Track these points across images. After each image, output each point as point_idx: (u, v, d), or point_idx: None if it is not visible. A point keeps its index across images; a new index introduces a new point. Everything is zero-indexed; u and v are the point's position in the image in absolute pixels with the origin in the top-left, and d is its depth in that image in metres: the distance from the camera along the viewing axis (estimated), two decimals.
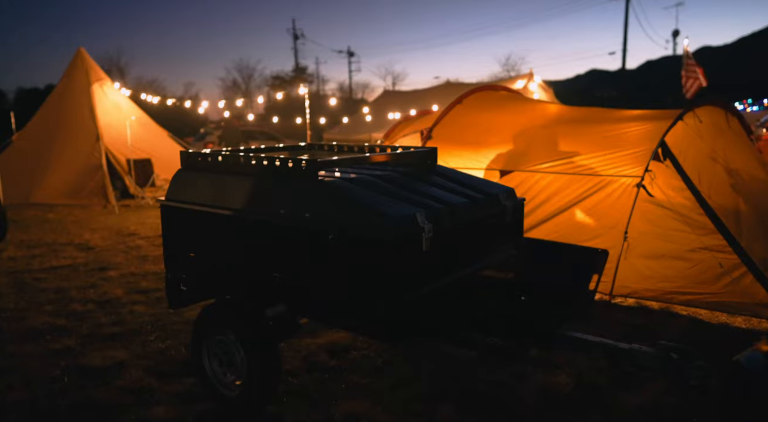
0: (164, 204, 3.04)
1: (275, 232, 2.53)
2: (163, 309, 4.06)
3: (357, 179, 2.56)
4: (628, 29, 26.95)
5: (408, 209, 2.29)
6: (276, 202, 2.55)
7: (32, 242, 6.49)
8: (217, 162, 2.87)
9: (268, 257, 2.58)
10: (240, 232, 2.69)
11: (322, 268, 2.38)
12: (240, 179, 2.73)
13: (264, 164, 2.64)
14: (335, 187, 2.39)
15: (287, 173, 2.55)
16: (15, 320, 3.86)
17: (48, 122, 10.66)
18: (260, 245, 2.60)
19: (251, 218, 2.62)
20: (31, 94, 37.67)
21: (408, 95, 15.35)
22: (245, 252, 2.66)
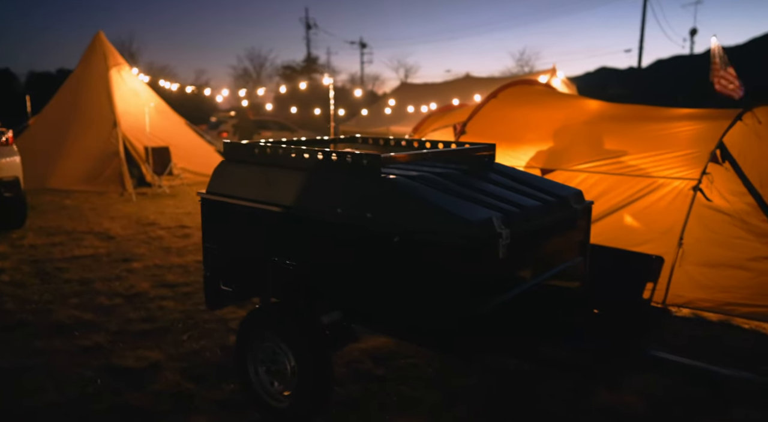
0: (205, 197, 2.86)
1: (330, 232, 2.34)
2: (192, 305, 3.90)
3: (421, 177, 2.36)
4: (645, 26, 26.37)
5: (483, 212, 2.09)
6: (331, 199, 2.35)
7: (51, 230, 6.34)
8: (265, 154, 2.68)
9: (321, 259, 2.39)
10: (290, 231, 2.50)
11: (384, 274, 2.19)
12: (291, 174, 2.53)
13: (319, 157, 2.45)
14: (402, 185, 2.19)
15: (345, 169, 2.35)
16: (41, 313, 3.71)
17: (64, 107, 10.50)
18: (313, 245, 2.42)
19: (303, 216, 2.43)
20: (42, 77, 37.61)
21: (426, 88, 15.07)
22: (296, 253, 2.47)
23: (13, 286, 4.27)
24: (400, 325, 2.20)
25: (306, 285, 2.43)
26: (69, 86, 10.82)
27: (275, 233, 2.55)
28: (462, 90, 12.85)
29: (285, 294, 2.54)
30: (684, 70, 32.93)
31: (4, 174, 5.80)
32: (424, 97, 12.71)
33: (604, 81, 40.99)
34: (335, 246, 2.34)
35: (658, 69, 39.47)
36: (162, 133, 10.56)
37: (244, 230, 2.70)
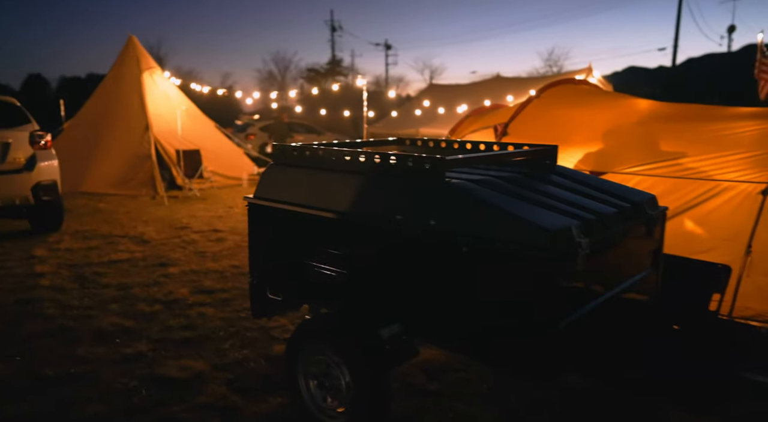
0: (252, 202, 2.75)
1: (389, 240, 2.20)
2: (232, 312, 3.80)
3: (485, 181, 2.20)
4: (680, 23, 25.57)
5: (560, 220, 1.92)
6: (390, 205, 2.21)
7: (87, 233, 6.37)
8: (317, 157, 2.55)
9: (379, 267, 2.25)
10: (345, 238, 2.37)
11: (450, 285, 2.03)
12: (345, 178, 2.40)
13: (376, 161, 2.30)
14: (470, 190, 2.03)
15: (405, 173, 2.20)
16: (82, 319, 3.66)
17: (98, 110, 10.65)
18: (370, 254, 2.27)
19: (359, 222, 2.29)
20: (72, 82, 38.62)
21: (456, 89, 14.86)
22: (351, 261, 2.33)
23: (53, 290, 4.25)
24: (468, 341, 2.04)
25: (362, 296, 2.29)
26: (102, 90, 10.97)
27: (328, 240, 2.42)
28: (493, 91, 12.61)
29: (339, 305, 2.40)
30: (719, 68, 31.88)
31: (43, 178, 5.84)
32: (454, 98, 12.52)
33: (634, 81, 40.05)
34: (395, 255, 2.19)
35: (690, 68, 38.31)
36: (193, 136, 10.61)
37: (295, 237, 2.57)
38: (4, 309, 3.83)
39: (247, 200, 2.77)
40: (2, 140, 5.61)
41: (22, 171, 5.70)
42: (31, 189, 5.73)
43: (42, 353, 3.14)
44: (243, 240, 6.07)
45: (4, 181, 5.56)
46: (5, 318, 3.67)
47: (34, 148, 5.85)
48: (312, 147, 2.60)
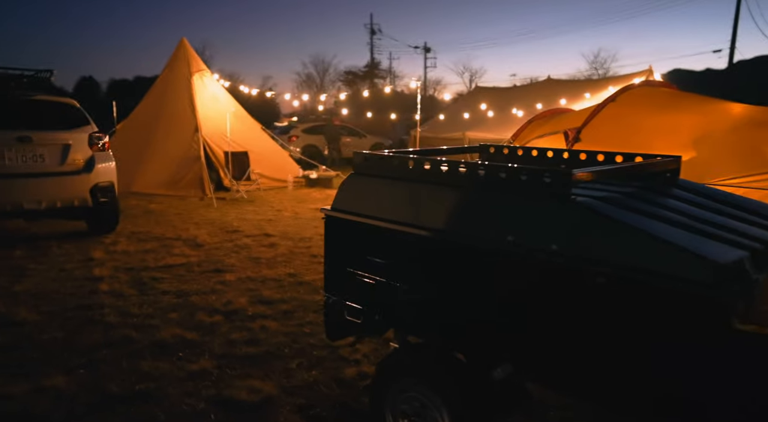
0: (330, 215, 2.52)
1: (498, 264, 1.92)
2: (295, 327, 3.60)
3: (615, 199, 1.89)
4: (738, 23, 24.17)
5: (724, 250, 1.60)
6: (498, 225, 1.93)
7: (142, 235, 6.35)
8: (406, 167, 2.30)
9: (485, 296, 1.97)
10: (441, 259, 2.10)
11: (577, 322, 1.74)
12: (441, 191, 2.13)
13: (480, 173, 2.03)
14: (606, 211, 1.73)
15: (519, 188, 1.92)
16: (143, 329, 3.54)
17: (149, 112, 10.79)
18: (474, 278, 2.00)
19: (459, 242, 2.02)
20: (121, 84, 39.97)
21: (504, 92, 14.42)
22: (450, 286, 2.06)
23: (112, 296, 4.17)
24: (603, 392, 1.73)
25: (466, 327, 2.02)
26: (154, 92, 11.13)
27: (422, 261, 2.16)
28: (545, 94, 12.13)
29: (435, 336, 2.13)
30: None
31: (101, 179, 5.84)
32: (503, 101, 12.10)
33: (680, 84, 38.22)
34: (505, 282, 1.92)
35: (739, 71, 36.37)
36: (239, 138, 10.61)
37: (380, 255, 2.32)
38: (66, 315, 3.76)
39: (324, 211, 2.54)
40: (62, 141, 5.64)
41: (81, 173, 5.71)
42: (90, 191, 5.73)
43: (105, 366, 3.02)
44: (295, 246, 5.91)
45: (63, 182, 5.58)
46: (67, 325, 3.58)
47: (93, 149, 5.86)
48: (400, 156, 2.35)
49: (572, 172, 1.82)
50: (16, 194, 5.29)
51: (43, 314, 3.76)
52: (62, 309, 3.87)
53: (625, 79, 11.81)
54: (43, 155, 5.47)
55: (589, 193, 1.97)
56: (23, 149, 5.36)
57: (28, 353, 3.17)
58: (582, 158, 2.69)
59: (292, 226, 7.10)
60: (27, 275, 4.67)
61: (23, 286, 4.38)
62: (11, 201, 5.26)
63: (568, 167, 2.71)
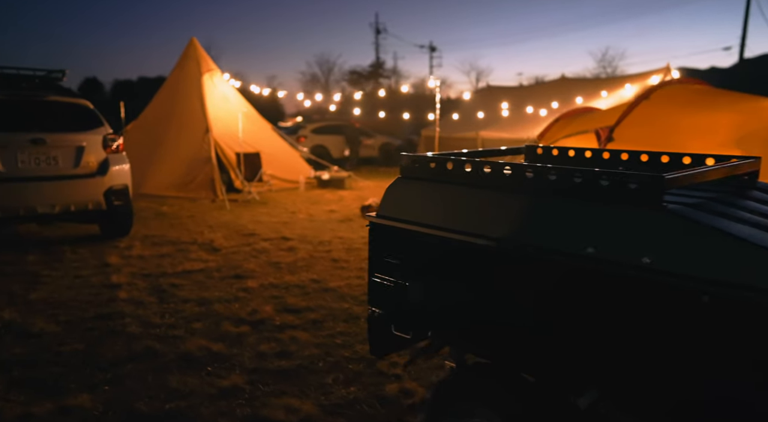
0: (375, 222, 2.34)
1: (578, 278, 1.74)
2: (326, 338, 3.42)
3: (708, 206, 1.71)
4: (749, 18, 23.83)
5: None
6: (576, 234, 1.75)
7: (156, 239, 6.19)
8: (462, 172, 2.12)
9: (562, 313, 1.79)
10: (507, 271, 1.92)
11: (676, 344, 1.56)
12: (505, 198, 1.95)
13: (550, 178, 1.85)
14: (709, 222, 1.55)
15: (597, 195, 1.74)
16: (167, 340, 3.37)
17: (159, 113, 10.65)
18: (547, 293, 1.82)
19: (528, 254, 1.84)
20: (124, 85, 39.96)
21: (516, 91, 14.22)
22: (518, 301, 1.88)
23: (132, 304, 4.00)
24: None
25: (538, 347, 1.84)
26: (164, 92, 10.98)
27: (483, 274, 1.98)
28: (559, 92, 11.92)
29: (502, 356, 1.95)
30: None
31: (115, 182, 5.68)
32: (516, 100, 11.90)
33: None
34: (587, 298, 1.73)
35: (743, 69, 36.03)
36: (251, 138, 10.45)
37: (434, 266, 2.14)
38: (86, 325, 3.60)
39: (369, 218, 2.36)
40: (76, 143, 5.48)
41: (95, 175, 5.55)
42: (104, 194, 5.58)
43: (131, 382, 2.85)
44: (315, 250, 5.74)
45: (77, 185, 5.43)
46: (87, 337, 3.42)
47: (107, 151, 5.71)
48: (456, 159, 2.17)
49: (664, 176, 1.64)
50: (30, 197, 5.14)
51: (61, 325, 3.60)
52: (81, 319, 3.70)
53: (642, 77, 11.59)
54: (57, 158, 5.32)
55: (678, 199, 1.79)
56: (36, 152, 5.20)
57: (48, 367, 3.00)
58: (643, 160, 2.52)
59: (309, 229, 6.93)
60: (42, 283, 4.51)
61: (39, 294, 4.22)
62: (25, 205, 5.11)
63: (630, 169, 2.54)
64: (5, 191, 5.00)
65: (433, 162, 2.24)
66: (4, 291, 4.26)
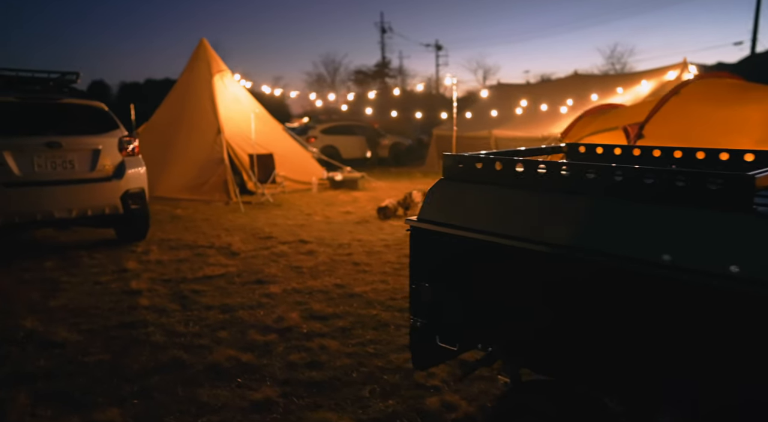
0: (416, 227, 2.22)
1: (653, 288, 1.61)
2: (357, 346, 3.30)
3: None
4: (760, 11, 23.42)
5: None
6: (649, 240, 1.62)
7: (173, 243, 6.10)
8: (513, 172, 1.99)
9: (639, 326, 1.66)
10: (569, 281, 1.79)
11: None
12: (564, 200, 1.83)
13: (616, 178, 1.72)
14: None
15: (675, 197, 1.60)
16: (193, 350, 3.26)
17: (170, 114, 10.57)
18: (619, 306, 1.69)
19: (594, 261, 1.71)
20: (131, 87, 40.05)
21: (528, 89, 14.04)
22: (584, 313, 1.75)
23: (154, 312, 3.90)
24: None
25: (609, 364, 1.70)
26: (174, 94, 10.90)
27: (542, 282, 1.85)
28: (573, 89, 11.74)
29: (572, 374, 1.82)
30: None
31: (131, 186, 5.59)
32: (529, 98, 11.71)
33: None
34: (665, 311, 1.60)
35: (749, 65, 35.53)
36: (263, 139, 10.36)
37: (487, 274, 2.02)
38: (109, 334, 3.50)
39: (410, 223, 2.24)
40: (92, 146, 5.40)
41: (112, 179, 5.47)
42: (120, 197, 5.49)
43: (160, 395, 2.74)
44: (335, 254, 5.62)
45: (94, 189, 5.34)
46: (112, 347, 3.32)
47: (123, 154, 5.62)
48: (505, 159, 2.04)
49: (754, 176, 1.50)
50: (47, 202, 5.05)
51: (84, 334, 3.51)
52: (104, 328, 3.61)
53: (658, 72, 11.37)
54: (73, 161, 5.23)
55: (765, 201, 1.65)
56: (52, 155, 5.12)
57: (74, 379, 2.90)
58: (700, 158, 2.38)
59: (327, 231, 6.81)
60: (61, 289, 4.42)
61: (58, 301, 4.13)
62: (42, 210, 5.03)
63: (684, 166, 2.40)
64: (22, 195, 4.92)
65: (479, 162, 2.11)
66: (24, 298, 4.18)
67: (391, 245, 6.03)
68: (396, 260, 5.35)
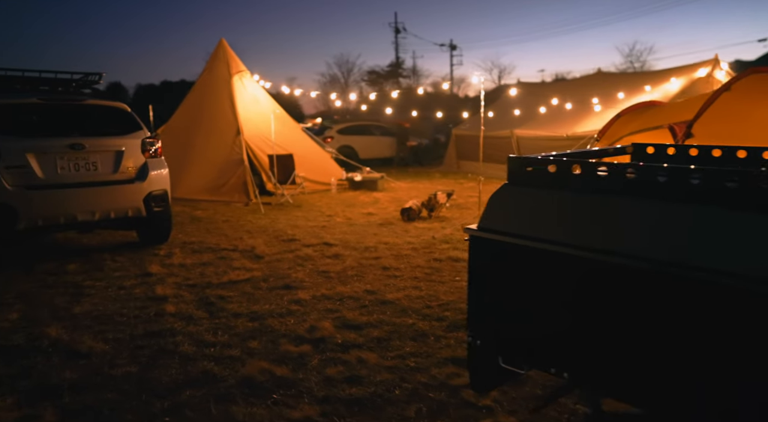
0: (477, 236, 2.02)
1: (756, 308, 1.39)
2: (397, 359, 3.11)
3: None
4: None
5: None
6: (753, 253, 1.40)
7: (195, 246, 5.97)
8: (593, 176, 1.78)
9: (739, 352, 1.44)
10: (665, 299, 1.58)
11: None
12: (659, 208, 1.62)
13: (729, 185, 1.50)
14: None
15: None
16: (224, 361, 3.10)
17: (190, 115, 10.48)
18: (741, 330, 1.47)
19: (690, 277, 1.50)
20: (147, 89, 40.33)
21: (549, 87, 13.74)
22: (690, 338, 1.54)
23: (181, 320, 3.75)
24: None
25: (722, 397, 1.49)
26: (193, 95, 10.81)
27: (631, 300, 1.64)
28: (598, 87, 11.42)
29: (665, 406, 1.60)
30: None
31: (155, 188, 5.47)
32: (551, 96, 11.42)
33: None
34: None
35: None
36: (282, 140, 10.22)
37: (563, 290, 1.81)
38: (136, 343, 3.35)
39: (469, 232, 2.04)
40: (115, 148, 5.28)
41: (135, 181, 5.35)
42: (144, 200, 5.36)
43: (192, 412, 2.58)
44: (362, 257, 5.44)
45: (117, 191, 5.23)
46: (139, 357, 3.17)
47: (146, 156, 5.50)
48: (583, 161, 1.83)
49: None
50: (70, 205, 4.94)
51: (110, 343, 3.36)
52: (130, 337, 3.46)
53: (689, 69, 11.01)
54: (96, 163, 5.12)
55: None
56: (75, 157, 5.01)
57: (102, 393, 2.75)
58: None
59: (350, 234, 6.64)
60: (85, 295, 4.30)
61: (82, 307, 4.01)
62: (65, 213, 4.92)
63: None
64: (45, 198, 4.82)
65: (553, 165, 1.90)
66: (47, 304, 4.07)
67: (419, 248, 5.83)
68: (426, 265, 5.15)
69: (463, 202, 9.23)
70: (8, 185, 4.65)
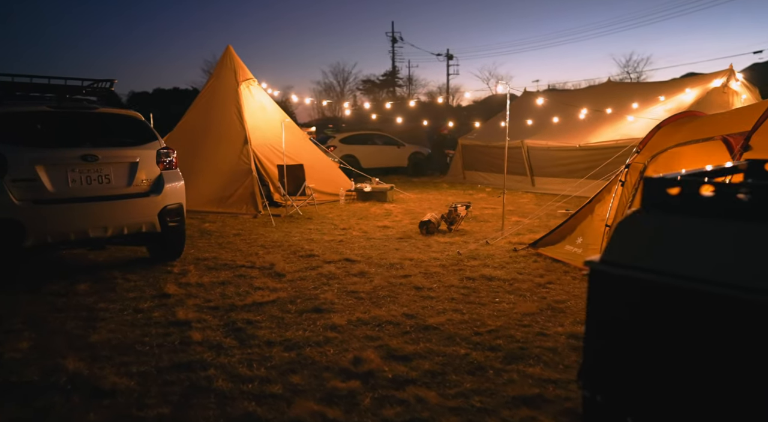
0: (601, 270, 1.72)
1: None
2: (459, 399, 2.80)
3: None
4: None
5: None
6: None
7: (210, 262, 5.64)
8: (762, 202, 1.51)
9: None
10: None
11: None
12: None
13: None
14: None
15: None
16: (267, 401, 2.77)
17: (196, 124, 10.15)
18: None
19: None
20: (141, 97, 39.87)
21: (558, 96, 13.57)
22: None
23: (210, 349, 3.42)
24: None
25: None
26: (200, 103, 10.49)
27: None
28: (609, 97, 11.27)
29: None
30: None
31: (170, 201, 5.15)
32: (560, 105, 11.25)
33: None
34: None
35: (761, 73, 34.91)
36: (290, 149, 9.93)
37: (721, 342, 1.52)
38: (164, 379, 3.02)
39: (591, 265, 1.74)
40: (129, 159, 4.96)
41: (150, 194, 5.02)
42: (158, 214, 5.04)
43: None
44: (390, 275, 5.14)
45: (130, 206, 4.90)
46: (169, 395, 2.84)
47: (161, 167, 5.18)
48: (751, 183, 1.55)
49: None
50: (81, 220, 4.60)
51: (134, 378, 3.03)
52: (156, 370, 3.13)
53: (704, 79, 10.90)
54: (109, 176, 4.79)
55: None
56: (88, 169, 4.68)
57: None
58: None
59: (370, 249, 6.34)
60: (100, 319, 3.96)
61: (100, 335, 3.66)
62: (76, 229, 4.57)
63: None
64: (55, 213, 4.47)
65: (708, 187, 1.62)
66: (60, 331, 3.72)
67: (447, 265, 5.54)
68: (460, 284, 4.86)
69: (479, 214, 8.97)
70: (15, 199, 4.31)
